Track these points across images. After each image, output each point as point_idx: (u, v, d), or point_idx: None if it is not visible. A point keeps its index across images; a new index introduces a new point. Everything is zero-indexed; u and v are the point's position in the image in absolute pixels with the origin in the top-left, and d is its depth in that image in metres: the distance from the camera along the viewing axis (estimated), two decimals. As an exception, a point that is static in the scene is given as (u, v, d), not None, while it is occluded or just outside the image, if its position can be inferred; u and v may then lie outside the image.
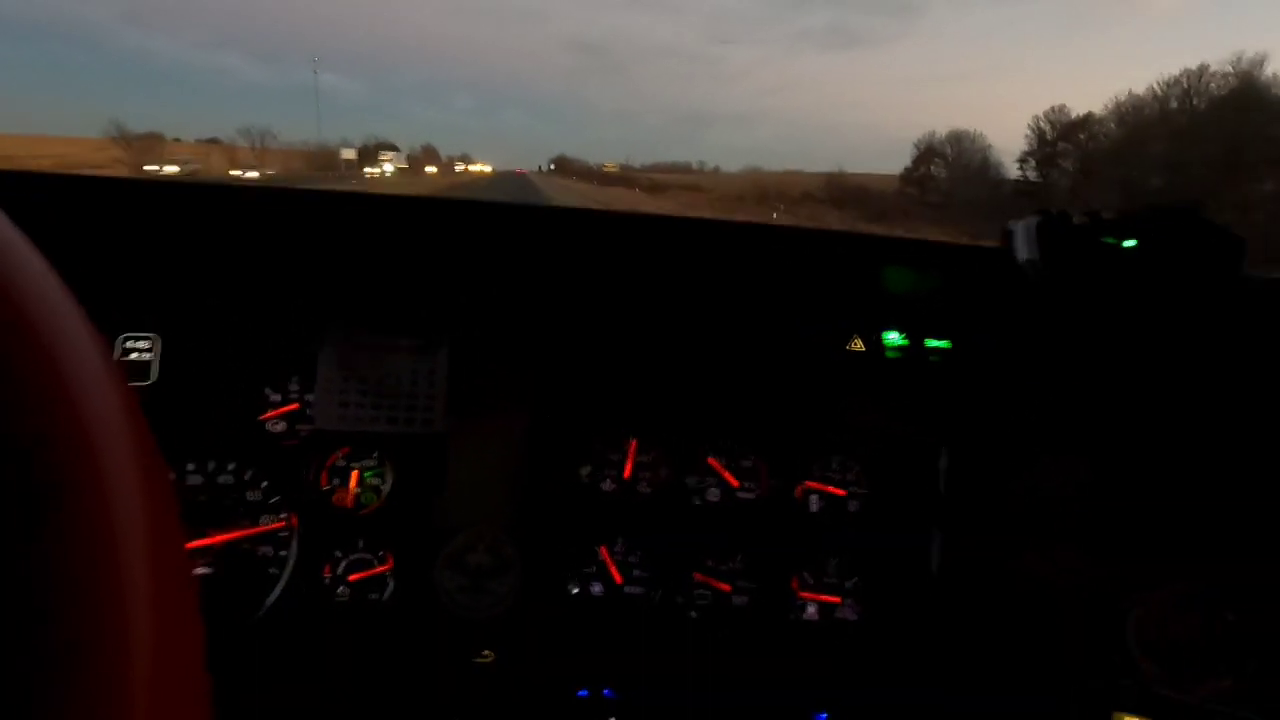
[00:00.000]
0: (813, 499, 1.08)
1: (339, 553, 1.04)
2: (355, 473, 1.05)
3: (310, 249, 1.06)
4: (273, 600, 1.01)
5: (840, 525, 1.07)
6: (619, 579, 1.06)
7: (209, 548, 1.00)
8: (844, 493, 1.07)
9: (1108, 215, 0.93)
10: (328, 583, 1.03)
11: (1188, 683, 0.93)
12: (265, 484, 1.03)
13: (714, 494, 1.08)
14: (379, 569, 1.04)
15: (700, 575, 1.06)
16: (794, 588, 1.07)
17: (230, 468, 1.03)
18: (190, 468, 1.02)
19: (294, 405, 1.05)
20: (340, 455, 1.05)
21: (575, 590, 1.06)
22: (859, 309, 1.08)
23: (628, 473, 1.07)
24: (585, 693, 1.03)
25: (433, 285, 1.06)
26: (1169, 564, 0.95)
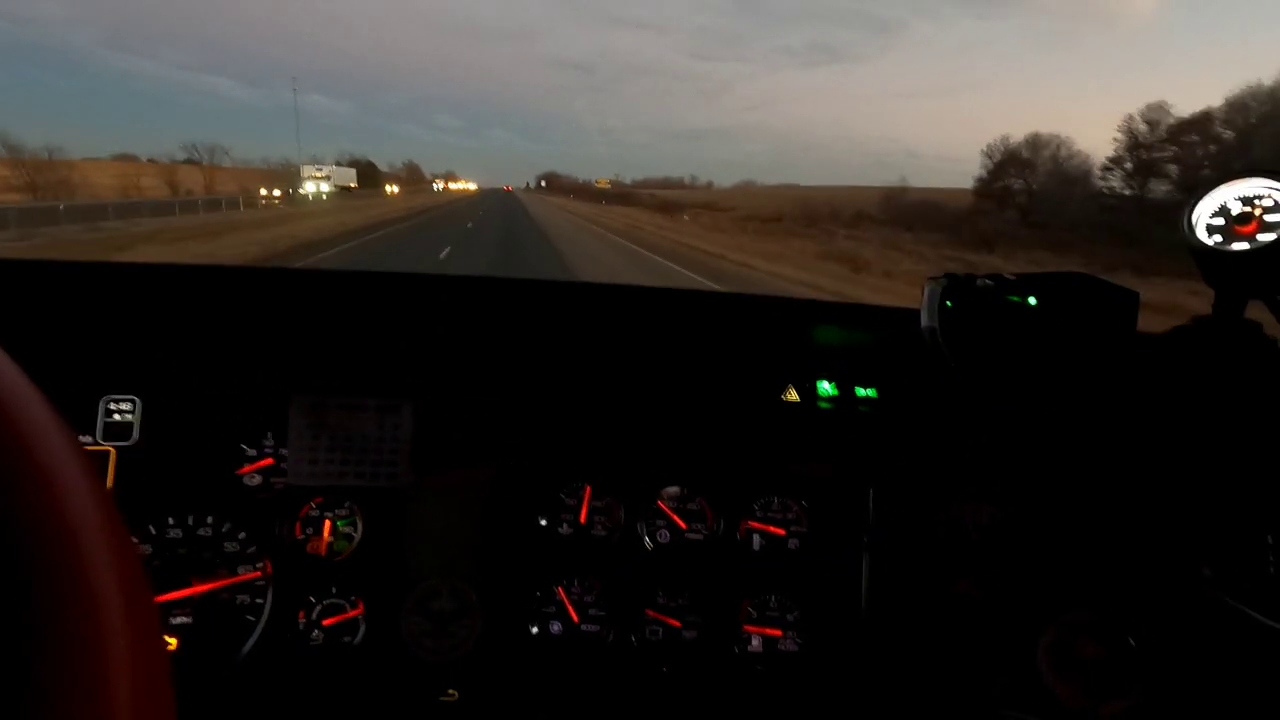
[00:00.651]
0: (755, 538, 1.15)
1: (313, 599, 1.10)
2: (328, 522, 1.12)
3: (279, 318, 1.14)
4: (250, 646, 1.07)
5: (780, 562, 1.15)
6: (576, 618, 1.12)
7: (189, 598, 1.06)
8: (783, 532, 1.15)
9: (1009, 276, 1.01)
10: (302, 628, 1.09)
11: (1093, 701, 1.01)
12: (242, 535, 1.10)
13: (664, 535, 1.15)
14: (350, 614, 1.10)
15: (652, 612, 1.13)
16: (740, 621, 1.14)
17: (208, 520, 1.09)
18: (170, 521, 1.08)
19: (269, 460, 1.12)
20: (313, 505, 1.12)
21: (535, 630, 1.12)
22: (793, 362, 1.17)
23: (583, 517, 1.14)
24: None
25: (396, 348, 1.14)
26: (1073, 595, 1.03)
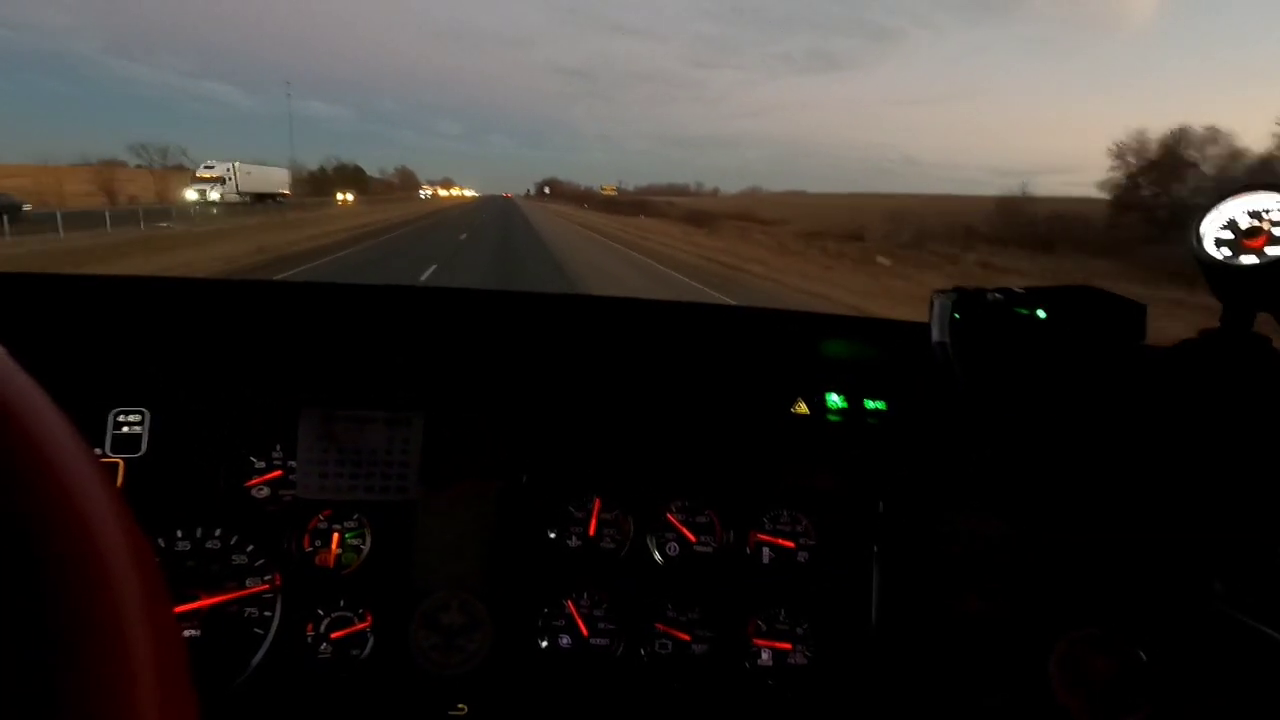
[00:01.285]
0: (764, 551, 1.15)
1: (321, 611, 1.10)
2: (336, 534, 1.12)
3: (287, 330, 1.15)
4: (259, 659, 1.07)
5: (789, 575, 1.14)
6: (585, 632, 1.12)
7: (197, 611, 1.06)
8: (793, 545, 1.15)
9: (1019, 290, 1.01)
10: (310, 641, 1.09)
11: (1104, 716, 1.01)
12: (250, 548, 1.10)
13: (673, 548, 1.15)
14: (359, 626, 1.10)
15: (662, 625, 1.13)
16: (749, 635, 1.13)
17: (217, 533, 1.09)
18: (179, 534, 1.08)
19: (277, 472, 1.12)
20: (321, 518, 1.12)
21: (544, 644, 1.12)
22: (803, 375, 1.17)
23: (592, 530, 1.14)
24: None
25: (405, 361, 1.14)
26: (1083, 609, 1.03)
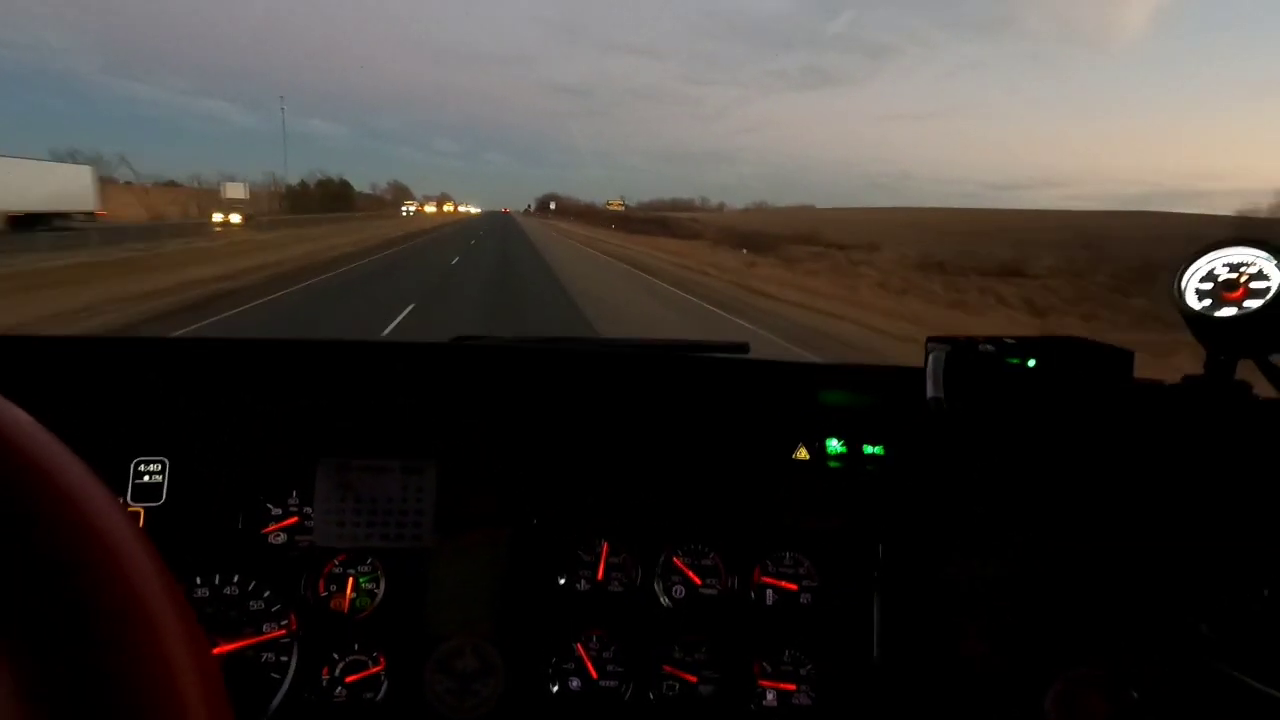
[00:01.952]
0: (768, 593, 1.18)
1: (336, 655, 1.13)
2: (351, 579, 1.14)
3: (302, 384, 1.20)
4: (276, 703, 1.09)
5: (793, 617, 1.17)
6: (595, 674, 1.14)
7: (217, 657, 1.09)
8: (795, 586, 1.18)
9: (1010, 340, 1.05)
10: (325, 684, 1.11)
11: None
12: (267, 593, 1.12)
13: (679, 591, 1.17)
14: (372, 670, 1.12)
15: (669, 667, 1.15)
16: (755, 676, 1.16)
17: (235, 580, 1.12)
18: (198, 581, 1.11)
19: (293, 519, 1.15)
20: (336, 563, 1.15)
21: (555, 687, 1.14)
22: (803, 421, 1.21)
23: (600, 574, 1.17)
24: None
25: (419, 411, 1.18)
26: (1079, 649, 1.06)
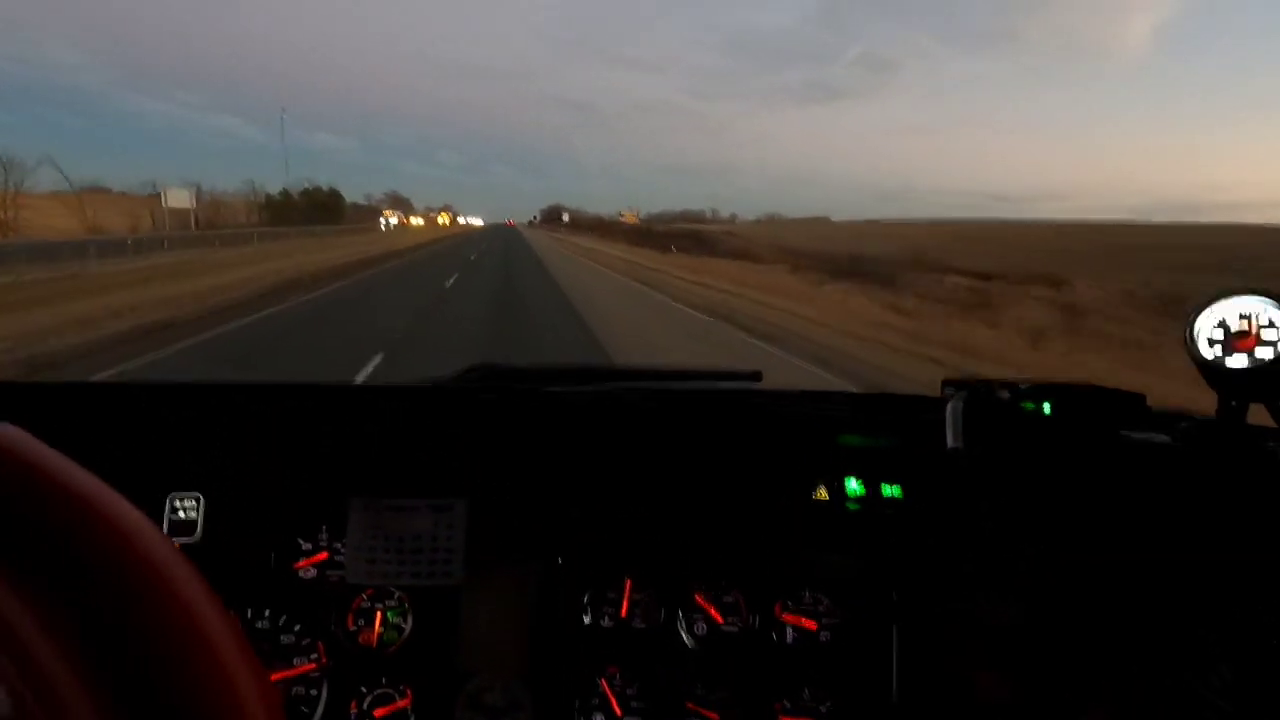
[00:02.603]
0: (788, 630, 1.20)
1: (364, 688, 1.15)
2: (379, 613, 1.17)
3: (334, 425, 1.23)
4: None
5: (813, 654, 1.19)
6: (619, 711, 1.16)
7: (277, 689, 1.11)
8: (815, 625, 1.20)
9: (1024, 385, 1.08)
10: (354, 717, 1.13)
11: None
12: (297, 627, 1.15)
13: (701, 628, 1.20)
14: (400, 703, 1.14)
15: (691, 704, 1.17)
16: (776, 713, 1.17)
17: (266, 614, 1.15)
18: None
19: (323, 554, 1.18)
20: (365, 597, 1.17)
21: None
22: (822, 460, 1.23)
23: (624, 611, 1.19)
24: None
25: (444, 449, 1.22)
26: (1097, 691, 1.08)
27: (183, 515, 1.17)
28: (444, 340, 11.23)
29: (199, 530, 1.16)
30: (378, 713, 1.14)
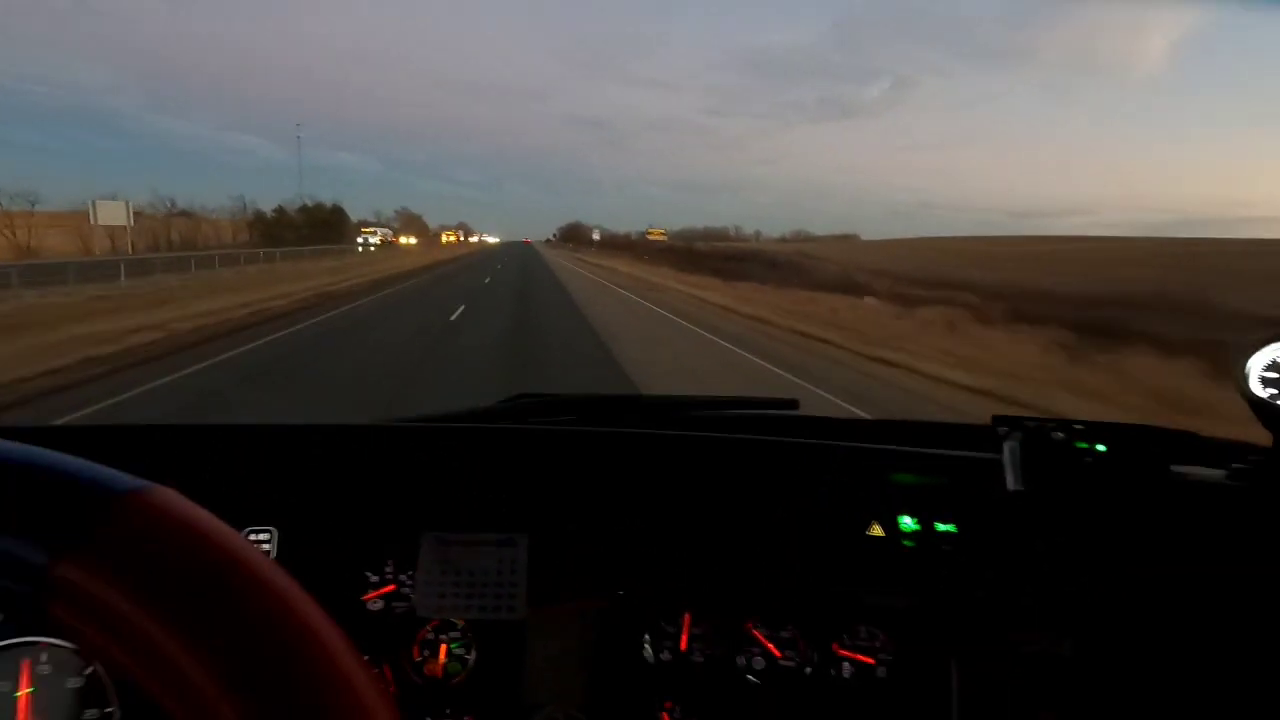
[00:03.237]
0: (845, 665, 1.21)
1: (429, 718, 1.17)
2: (444, 645, 1.20)
3: (404, 462, 1.28)
4: None
5: (870, 689, 1.21)
6: None
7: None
8: (872, 660, 1.21)
9: (1078, 425, 1.10)
10: None
11: None
12: (366, 658, 1.19)
13: (759, 662, 1.21)
14: None
15: None
16: None
17: None
18: None
19: (391, 586, 1.22)
20: (429, 629, 1.21)
21: None
22: (876, 497, 1.25)
23: (684, 644, 1.22)
24: None
25: (508, 487, 1.26)
26: None
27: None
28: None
29: None
30: None
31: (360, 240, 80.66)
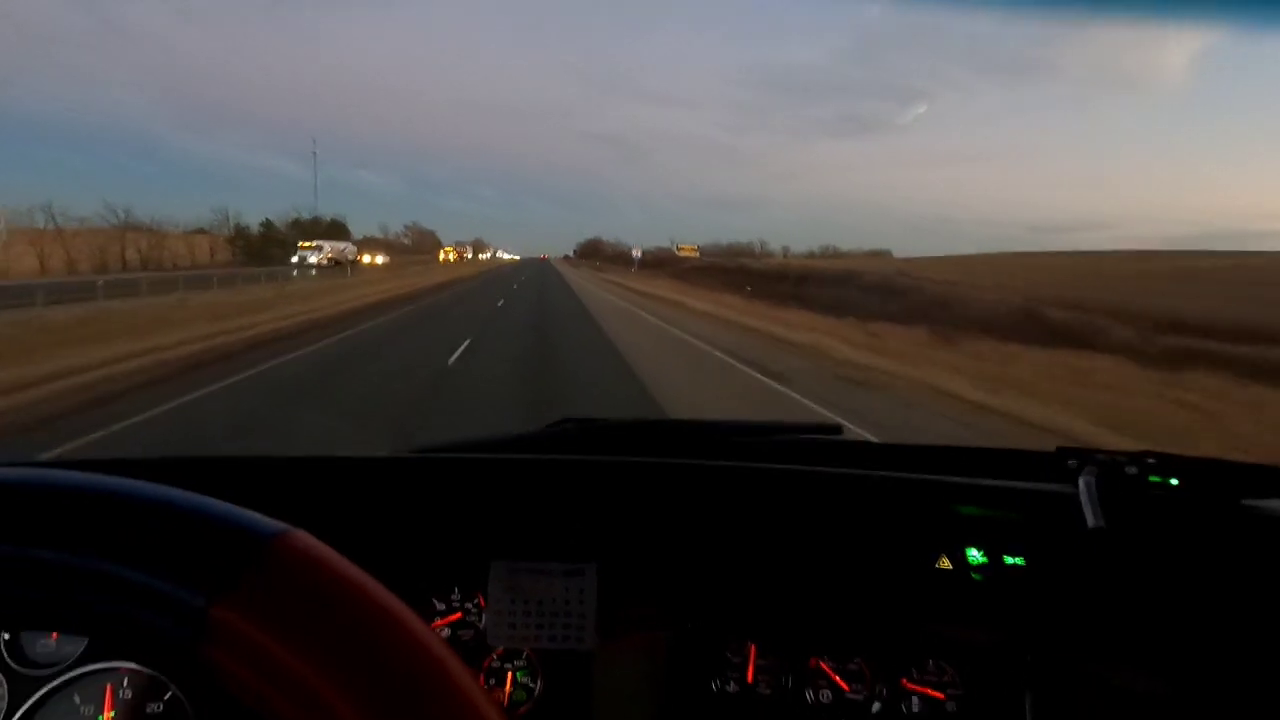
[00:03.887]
0: (914, 700, 1.20)
1: None
2: (510, 674, 1.21)
3: (473, 493, 1.30)
4: None
5: None
6: None
7: None
8: (942, 695, 1.20)
9: (1151, 459, 1.09)
10: None
11: None
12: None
13: (826, 695, 1.21)
14: None
15: None
16: None
17: None
18: None
19: (457, 614, 1.23)
20: (495, 657, 1.22)
21: None
22: (943, 530, 1.25)
23: (750, 677, 1.21)
24: None
25: (571, 517, 1.26)
26: None
27: None
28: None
29: None
30: None
31: (296, 259, 56.78)
